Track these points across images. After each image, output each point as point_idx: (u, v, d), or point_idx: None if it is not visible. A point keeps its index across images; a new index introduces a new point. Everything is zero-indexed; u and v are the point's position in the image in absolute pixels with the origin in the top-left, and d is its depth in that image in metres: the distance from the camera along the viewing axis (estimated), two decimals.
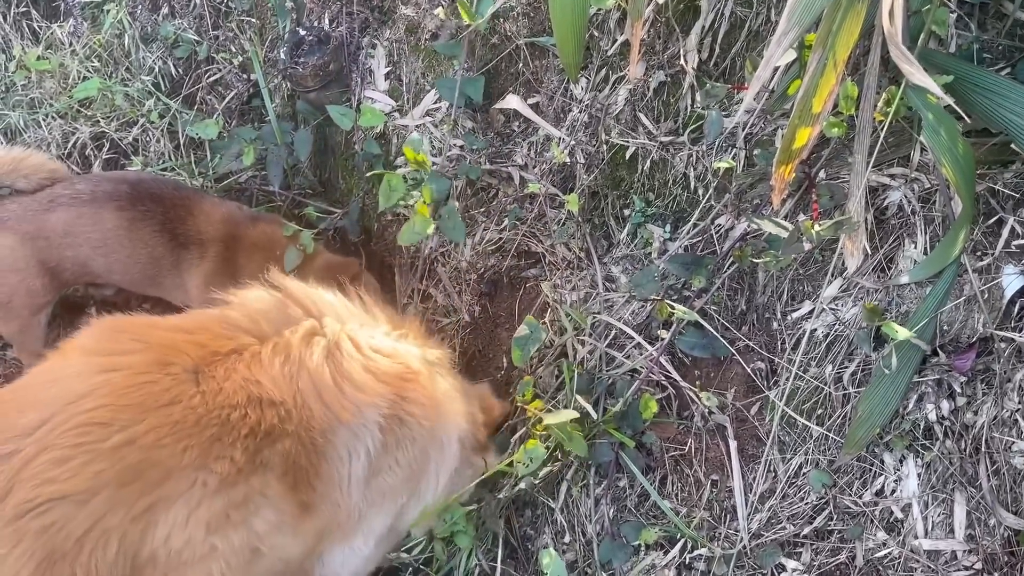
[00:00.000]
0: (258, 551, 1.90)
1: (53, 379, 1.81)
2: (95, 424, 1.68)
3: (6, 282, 2.81)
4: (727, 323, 2.46)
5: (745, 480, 2.37)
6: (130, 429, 1.69)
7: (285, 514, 1.91)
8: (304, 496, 1.94)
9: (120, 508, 1.67)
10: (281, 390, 1.86)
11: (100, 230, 2.79)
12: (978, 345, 2.11)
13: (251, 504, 1.83)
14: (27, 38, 3.61)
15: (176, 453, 1.73)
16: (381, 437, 2.02)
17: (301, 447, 1.89)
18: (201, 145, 3.44)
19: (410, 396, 2.06)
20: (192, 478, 1.75)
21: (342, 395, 1.94)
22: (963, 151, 1.74)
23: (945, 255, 1.95)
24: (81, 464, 1.64)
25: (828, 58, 1.65)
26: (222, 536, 1.81)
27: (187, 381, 1.79)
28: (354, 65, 3.19)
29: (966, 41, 2.03)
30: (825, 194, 2.12)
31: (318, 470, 1.94)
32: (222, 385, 1.81)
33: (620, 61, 2.65)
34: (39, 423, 1.67)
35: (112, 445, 1.67)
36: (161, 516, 1.72)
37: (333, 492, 2.00)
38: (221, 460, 1.76)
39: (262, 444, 1.82)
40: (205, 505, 1.76)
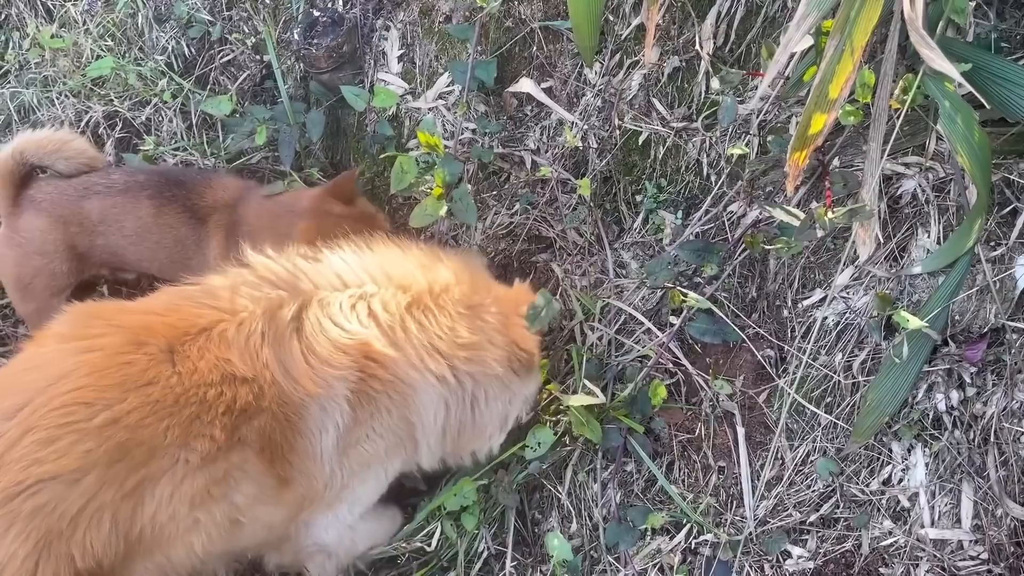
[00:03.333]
0: (238, 522, 1.97)
1: (30, 366, 1.84)
2: (79, 404, 1.70)
3: (31, 264, 2.82)
4: (737, 310, 2.46)
5: (752, 467, 2.38)
6: (114, 408, 1.72)
7: (265, 487, 1.98)
8: (281, 470, 1.99)
9: (111, 486, 1.71)
10: (250, 367, 1.91)
11: (133, 219, 2.80)
12: (989, 336, 2.11)
13: (231, 479, 1.89)
14: (41, 16, 3.61)
15: (159, 432, 1.77)
16: (350, 411, 2.05)
17: (276, 423, 1.94)
18: (213, 125, 3.44)
19: (377, 375, 2.06)
20: (175, 456, 1.80)
21: (309, 368, 1.97)
22: (979, 140, 1.73)
23: (959, 245, 1.95)
24: (69, 444, 1.67)
25: (846, 44, 1.65)
26: (204, 510, 1.87)
27: (163, 361, 1.83)
28: (367, 47, 3.18)
29: (984, 30, 2.02)
30: (839, 182, 2.12)
31: (293, 445, 1.99)
32: (197, 364, 1.85)
33: (635, 46, 2.64)
34: (20, 406, 1.69)
35: (98, 424, 1.70)
36: (148, 494, 1.77)
37: (308, 465, 2.05)
38: (201, 438, 1.81)
39: (239, 421, 1.87)
40: (188, 481, 1.81)
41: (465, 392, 2.23)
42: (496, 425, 2.36)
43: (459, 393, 2.21)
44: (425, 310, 2.13)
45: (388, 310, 2.09)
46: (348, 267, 2.14)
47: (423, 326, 2.12)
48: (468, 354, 2.18)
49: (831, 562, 2.24)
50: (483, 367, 2.21)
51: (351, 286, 2.10)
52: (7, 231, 2.83)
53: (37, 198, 2.79)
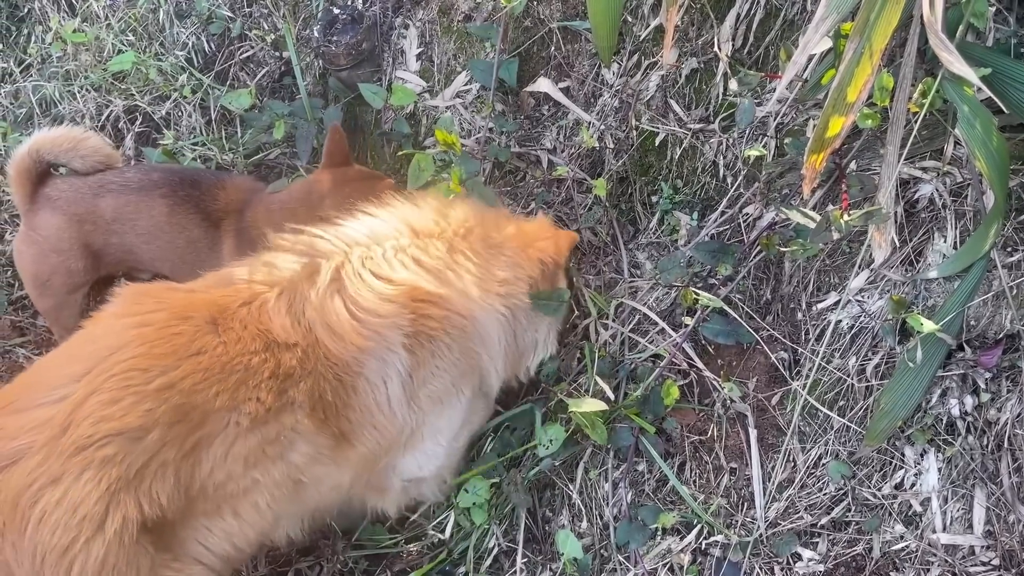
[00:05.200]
0: (300, 482, 2.07)
1: (90, 339, 1.95)
2: (136, 370, 1.82)
3: (48, 261, 2.84)
4: (751, 312, 2.46)
5: (764, 469, 2.38)
6: (169, 374, 1.84)
7: (321, 447, 2.06)
8: (338, 428, 2.06)
9: (172, 445, 1.82)
10: (291, 333, 1.98)
11: (146, 218, 2.81)
12: (1004, 341, 2.11)
13: (284, 439, 1.98)
14: (64, 11, 3.65)
15: (209, 397, 1.87)
16: (409, 355, 2.12)
17: (326, 384, 2.01)
18: (232, 121, 3.47)
19: (430, 313, 2.13)
20: (225, 419, 1.89)
21: (356, 324, 2.03)
22: (998, 145, 1.73)
23: (975, 249, 1.95)
24: (131, 404, 1.78)
25: (864, 47, 1.65)
26: (262, 470, 1.97)
27: (208, 332, 1.92)
28: (386, 45, 3.20)
29: (1004, 35, 2.01)
30: (855, 185, 2.11)
31: (348, 402, 2.06)
32: (240, 334, 1.94)
33: (653, 47, 2.65)
34: (84, 372, 1.81)
35: (156, 387, 1.81)
36: (204, 453, 1.87)
37: (373, 418, 2.12)
38: (249, 401, 1.91)
39: (285, 385, 1.95)
40: (240, 442, 1.91)
41: (509, 321, 2.34)
42: (531, 346, 2.49)
43: (506, 321, 2.32)
44: (459, 252, 2.22)
45: (430, 255, 2.17)
46: (376, 224, 2.21)
47: (462, 265, 2.21)
48: (504, 289, 2.29)
49: (841, 565, 2.24)
50: (516, 299, 2.33)
51: (386, 240, 2.17)
52: (25, 228, 2.86)
53: (53, 196, 2.81)
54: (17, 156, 2.75)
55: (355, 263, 2.10)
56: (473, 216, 2.32)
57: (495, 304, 2.27)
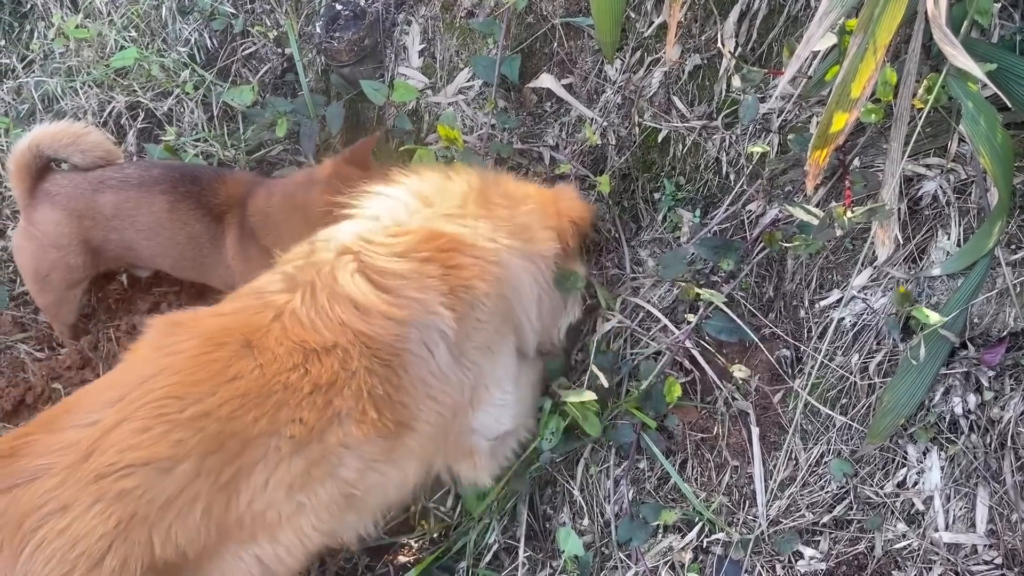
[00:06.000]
0: (352, 496, 1.98)
1: (127, 369, 1.91)
2: (170, 398, 1.76)
3: (47, 256, 2.84)
4: (754, 309, 2.45)
5: (766, 467, 2.38)
6: (204, 402, 1.77)
7: (373, 454, 1.97)
8: (392, 420, 1.96)
9: (207, 476, 1.74)
10: (327, 334, 1.90)
11: (147, 214, 2.81)
12: (1008, 339, 2.10)
13: (332, 458, 1.90)
14: (66, 6, 3.65)
15: (248, 424, 1.80)
16: (451, 314, 2.02)
17: (373, 378, 1.92)
18: (234, 117, 3.47)
19: (459, 262, 2.04)
20: (266, 445, 1.82)
21: (387, 295, 1.95)
22: (1002, 141, 1.72)
23: (979, 247, 1.94)
24: (162, 433, 1.71)
25: (869, 43, 1.64)
26: (308, 493, 1.89)
27: (244, 356, 1.85)
28: (388, 41, 3.20)
29: (1009, 31, 2.00)
30: (859, 181, 2.11)
31: (399, 385, 1.97)
32: (276, 352, 1.87)
33: (656, 43, 2.64)
34: (118, 398, 1.76)
35: (189, 416, 1.75)
36: (243, 484, 1.80)
37: (430, 389, 2.04)
38: (291, 424, 1.83)
39: (329, 396, 1.87)
40: (283, 468, 1.84)
41: (538, 269, 2.24)
42: (560, 305, 2.41)
43: (534, 269, 2.22)
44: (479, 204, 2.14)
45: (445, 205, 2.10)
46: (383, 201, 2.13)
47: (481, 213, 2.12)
48: (528, 236, 2.20)
49: (843, 564, 2.23)
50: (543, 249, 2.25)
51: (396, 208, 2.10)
52: (24, 223, 2.86)
53: (52, 191, 2.81)
54: (17, 151, 2.75)
55: (368, 237, 2.02)
56: (484, 177, 2.24)
57: (525, 250, 2.16)
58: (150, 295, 3.26)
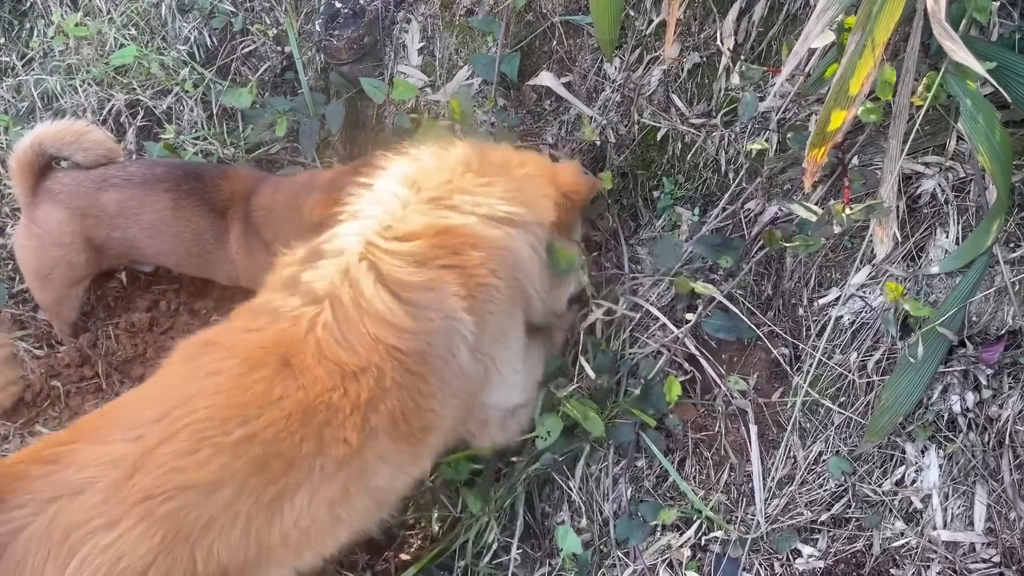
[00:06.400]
0: (383, 501, 2.07)
1: (166, 385, 1.90)
2: (214, 420, 1.76)
3: (49, 255, 2.84)
4: (752, 307, 2.45)
5: (764, 465, 2.38)
6: (249, 424, 1.77)
7: (403, 461, 2.03)
8: (420, 425, 2.00)
9: (248, 497, 1.76)
10: (361, 351, 1.90)
11: (150, 212, 2.81)
12: (1006, 338, 2.10)
13: (368, 472, 1.94)
14: (66, 4, 3.64)
15: (294, 445, 1.80)
16: (471, 317, 2.03)
17: (404, 391, 1.94)
18: (234, 116, 3.47)
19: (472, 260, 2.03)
20: (311, 466, 1.83)
21: (412, 308, 1.94)
22: (1001, 139, 1.72)
23: (977, 245, 1.94)
24: (208, 456, 1.72)
25: (867, 40, 1.64)
26: (346, 507, 1.93)
27: (286, 376, 1.85)
28: (388, 39, 3.20)
29: (1008, 29, 2.00)
30: (858, 179, 2.11)
31: (427, 392, 1.99)
32: (316, 372, 1.86)
33: (655, 41, 2.64)
34: (160, 416, 1.76)
35: (235, 439, 1.75)
36: (286, 503, 1.82)
37: (451, 389, 2.06)
38: (335, 444, 1.85)
39: (367, 413, 1.88)
40: (325, 487, 1.87)
41: (538, 238, 2.22)
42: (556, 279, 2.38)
43: (533, 239, 2.20)
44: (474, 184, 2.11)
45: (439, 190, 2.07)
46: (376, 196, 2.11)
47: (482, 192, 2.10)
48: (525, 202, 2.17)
49: (841, 562, 2.24)
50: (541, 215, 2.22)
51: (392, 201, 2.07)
52: (26, 222, 2.85)
53: (55, 189, 2.80)
54: (19, 149, 2.75)
55: (375, 241, 1.99)
56: (476, 149, 2.22)
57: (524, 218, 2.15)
58: (149, 293, 3.26)
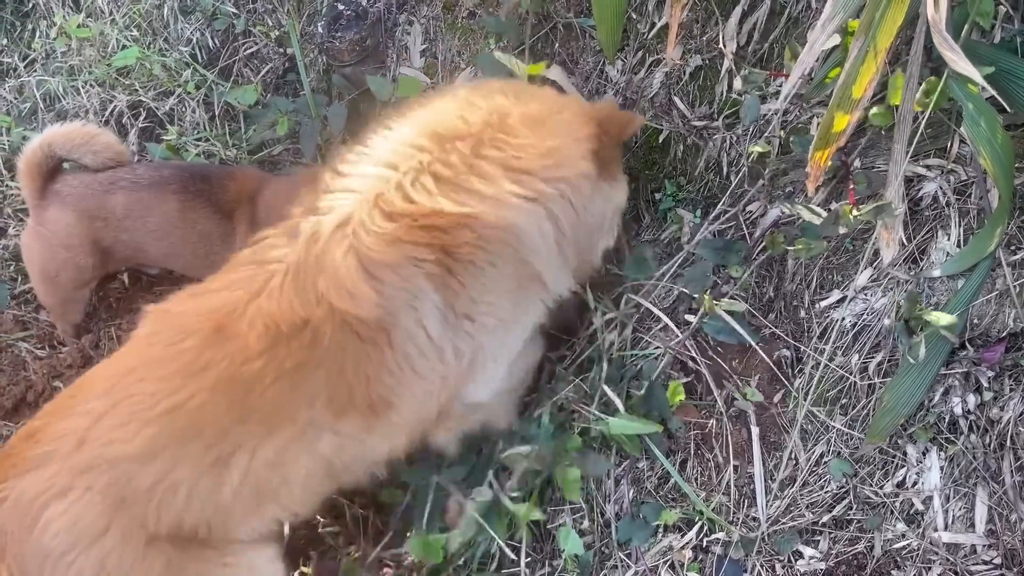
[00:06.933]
0: (332, 464, 2.05)
1: (121, 356, 2.00)
2: (143, 394, 1.85)
3: (56, 257, 2.84)
4: (754, 310, 2.46)
5: (766, 466, 2.38)
6: (175, 396, 1.84)
7: (347, 433, 2.01)
8: (369, 399, 1.98)
9: (186, 464, 1.85)
10: (298, 312, 1.88)
11: (158, 214, 2.81)
12: (1008, 340, 2.11)
13: (304, 438, 1.95)
14: (68, 6, 3.65)
15: (220, 414, 1.86)
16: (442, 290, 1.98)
17: (351, 360, 1.92)
18: (236, 117, 3.48)
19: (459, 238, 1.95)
20: (240, 431, 1.88)
21: (376, 282, 1.91)
22: (1002, 143, 1.73)
23: (980, 248, 1.95)
24: (137, 428, 1.82)
25: (870, 45, 1.65)
26: (290, 468, 1.97)
27: (214, 344, 1.88)
28: (390, 41, 3.21)
29: (1010, 33, 2.01)
30: (862, 181, 2.12)
31: (382, 363, 1.96)
32: (246, 340, 1.88)
33: (657, 44, 2.65)
34: (107, 389, 1.87)
35: (161, 411, 1.83)
36: (227, 466, 1.89)
37: (415, 366, 2.01)
38: (259, 410, 1.88)
39: (297, 380, 1.89)
40: (261, 451, 1.91)
41: (564, 196, 2.09)
42: (600, 224, 2.30)
43: (559, 200, 2.08)
44: (493, 143, 1.99)
45: (452, 165, 1.96)
46: (391, 148, 2.02)
47: (497, 158, 1.99)
48: (553, 160, 2.05)
49: (843, 563, 2.24)
50: (572, 167, 2.10)
51: (404, 163, 1.98)
52: (34, 223, 2.85)
53: (63, 192, 2.80)
54: (29, 151, 2.74)
55: (364, 210, 1.93)
56: (513, 95, 2.10)
57: (537, 187, 2.02)
58: (151, 294, 3.26)
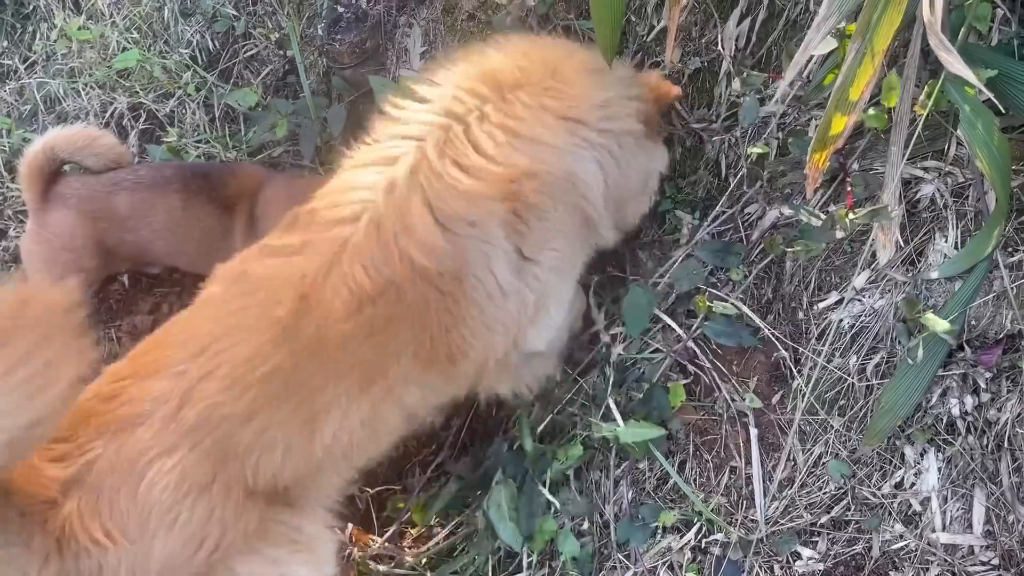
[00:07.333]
0: (414, 415, 2.14)
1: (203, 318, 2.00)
2: (242, 358, 1.88)
3: (60, 259, 2.83)
4: (753, 311, 2.47)
5: (764, 467, 2.39)
6: (269, 362, 1.88)
7: (433, 382, 2.10)
8: (448, 350, 2.05)
9: (281, 424, 1.90)
10: (381, 272, 1.93)
11: (162, 213, 2.82)
12: (1005, 341, 2.11)
13: (395, 392, 2.02)
14: (69, 8, 3.66)
15: (312, 375, 1.91)
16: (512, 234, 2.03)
17: (429, 310, 1.98)
18: (236, 119, 3.48)
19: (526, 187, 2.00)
20: (334, 392, 1.94)
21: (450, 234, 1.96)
22: (999, 145, 1.74)
23: (977, 250, 1.95)
24: (240, 392, 1.86)
25: (867, 48, 1.66)
26: (379, 422, 2.04)
27: (302, 313, 1.91)
28: (390, 43, 3.21)
29: (1007, 36, 2.02)
30: (859, 184, 2.12)
31: (459, 316, 2.03)
32: (331, 306, 1.91)
33: (656, 47, 2.66)
34: (198, 352, 1.89)
35: (259, 376, 1.87)
36: (320, 424, 1.94)
37: (487, 317, 2.07)
38: (352, 370, 1.94)
39: (385, 338, 1.95)
40: (355, 409, 1.97)
41: (611, 148, 2.16)
42: (641, 183, 2.38)
43: (606, 151, 2.15)
44: (549, 92, 2.05)
45: (517, 115, 2.02)
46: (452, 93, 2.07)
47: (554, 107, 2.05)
48: (606, 112, 2.13)
49: (841, 564, 2.25)
50: (623, 121, 2.18)
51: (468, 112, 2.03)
52: (35, 227, 2.84)
53: (66, 194, 2.80)
54: (31, 154, 2.74)
55: (434, 158, 1.97)
56: (564, 48, 2.18)
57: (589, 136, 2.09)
58: (151, 295, 3.27)
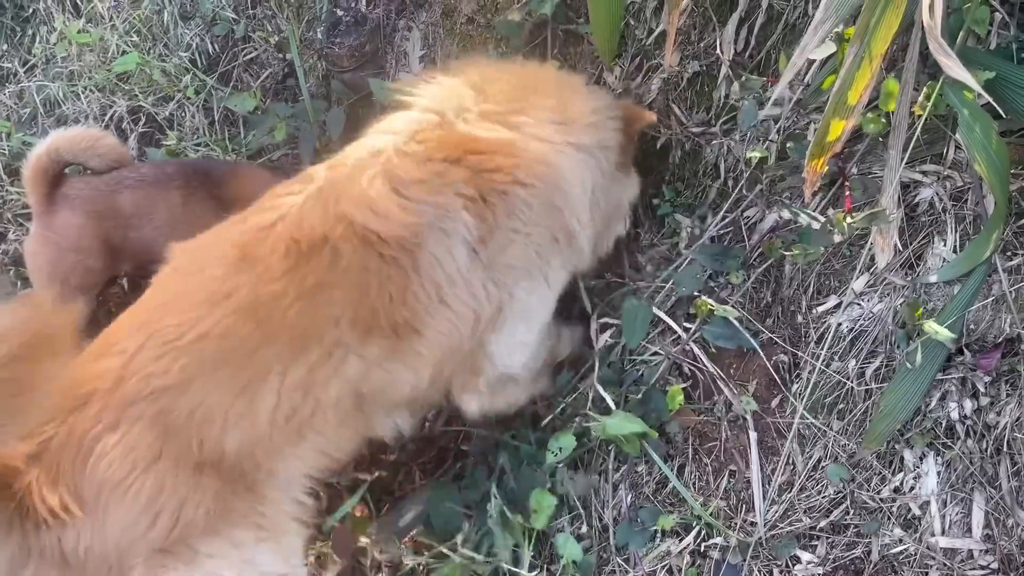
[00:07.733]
0: (361, 395, 2.01)
1: (150, 294, 2.01)
2: (171, 326, 1.86)
3: (65, 261, 2.83)
4: (751, 315, 2.47)
5: (763, 471, 2.38)
6: (199, 325, 1.85)
7: (375, 355, 1.97)
8: (393, 321, 1.95)
9: (217, 391, 1.85)
10: (317, 227, 1.89)
11: (164, 210, 2.83)
12: (1004, 345, 2.11)
13: (332, 359, 1.92)
14: (69, 11, 3.67)
15: (245, 339, 1.86)
16: (475, 219, 1.96)
17: (374, 280, 1.91)
18: (235, 122, 3.49)
19: (495, 165, 1.95)
20: (267, 354, 1.88)
21: (405, 200, 1.91)
22: (998, 149, 1.74)
23: (976, 254, 1.95)
24: (170, 361, 1.83)
25: (865, 52, 1.66)
26: (321, 389, 1.93)
27: (240, 271, 1.89)
28: (389, 47, 3.22)
29: (1005, 40, 2.02)
30: (858, 188, 2.12)
31: (407, 286, 1.94)
32: (268, 261, 1.89)
33: (655, 50, 2.66)
34: (138, 327, 1.90)
35: (189, 341, 1.84)
36: (258, 391, 1.88)
37: (442, 295, 1.99)
38: (283, 332, 1.87)
39: (319, 300, 1.89)
40: (290, 373, 1.89)
41: (599, 158, 2.11)
42: (616, 208, 2.32)
43: (594, 160, 2.10)
44: (538, 94, 2.04)
45: (495, 100, 1.99)
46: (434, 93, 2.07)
47: (544, 105, 2.02)
48: (596, 119, 2.10)
49: (840, 568, 2.24)
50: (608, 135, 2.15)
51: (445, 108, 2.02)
52: (40, 229, 2.84)
53: (71, 195, 2.81)
54: (34, 156, 2.74)
55: (399, 140, 1.96)
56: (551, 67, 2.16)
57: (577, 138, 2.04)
58: None
